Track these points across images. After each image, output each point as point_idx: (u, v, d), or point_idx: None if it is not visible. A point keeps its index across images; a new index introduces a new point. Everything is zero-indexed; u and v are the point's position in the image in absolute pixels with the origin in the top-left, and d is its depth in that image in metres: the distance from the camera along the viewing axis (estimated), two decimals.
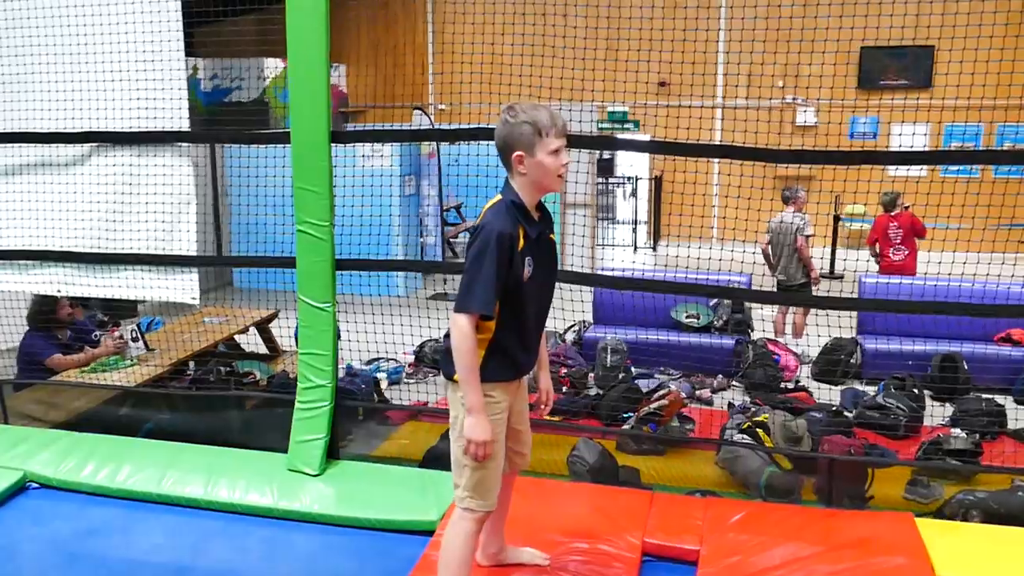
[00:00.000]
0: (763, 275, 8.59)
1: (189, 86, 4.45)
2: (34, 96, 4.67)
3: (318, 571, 3.71)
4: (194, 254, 4.63)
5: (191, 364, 6.57)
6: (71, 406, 5.64)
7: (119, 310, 8.57)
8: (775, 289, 8.60)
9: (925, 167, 11.88)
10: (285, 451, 4.46)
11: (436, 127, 11.05)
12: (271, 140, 4.91)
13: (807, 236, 8.59)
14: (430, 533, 3.79)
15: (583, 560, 3.49)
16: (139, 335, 6.81)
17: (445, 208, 15.00)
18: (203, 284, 10.45)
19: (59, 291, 4.90)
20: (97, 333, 6.91)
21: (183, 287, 4.68)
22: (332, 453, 4.48)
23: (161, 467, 4.46)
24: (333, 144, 4.25)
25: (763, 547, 3.54)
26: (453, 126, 10.78)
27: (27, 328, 6.28)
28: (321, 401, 4.38)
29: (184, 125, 4.51)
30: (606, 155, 17.13)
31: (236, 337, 7.51)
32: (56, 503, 4.38)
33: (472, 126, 4.52)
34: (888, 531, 3.64)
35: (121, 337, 6.60)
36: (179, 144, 4.53)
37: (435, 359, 8.31)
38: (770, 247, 8.69)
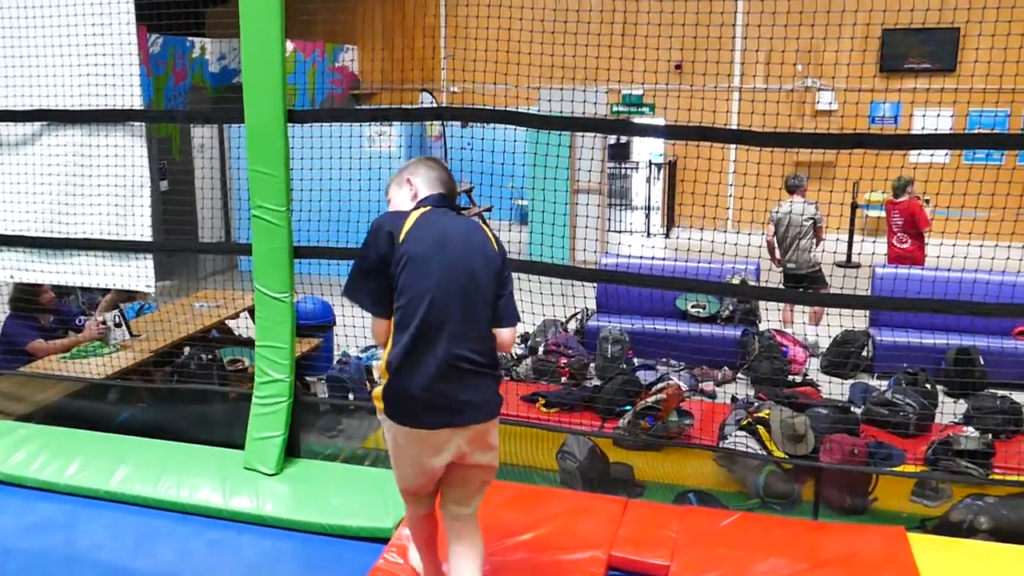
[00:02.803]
0: (769, 269, 8.29)
1: (197, 67, 4.20)
2: None
3: None
4: (149, 239, 4.37)
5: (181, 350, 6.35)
6: (39, 397, 5.44)
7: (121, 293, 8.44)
8: (782, 279, 8.31)
9: (948, 154, 11.47)
10: None
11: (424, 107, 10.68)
12: (227, 119, 4.63)
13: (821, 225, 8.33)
14: (384, 541, 3.53)
15: (543, 574, 3.22)
16: (122, 320, 6.62)
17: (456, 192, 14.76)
18: (208, 268, 10.34)
19: (11, 277, 4.67)
20: (81, 318, 6.73)
21: (138, 274, 4.44)
22: (292, 451, 4.23)
23: (113, 463, 4.25)
24: (292, 124, 3.98)
25: (739, 563, 3.25)
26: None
27: (7, 313, 6.13)
28: (279, 396, 4.13)
29: (137, 103, 4.25)
30: (621, 139, 16.78)
31: (234, 323, 7.27)
32: (2, 497, 4.19)
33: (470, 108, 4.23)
34: (878, 547, 3.34)
35: (104, 323, 6.43)
36: (131, 123, 4.27)
37: None
38: (775, 237, 8.36)
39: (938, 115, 11.91)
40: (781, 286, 7.97)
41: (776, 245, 8.38)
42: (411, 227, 2.69)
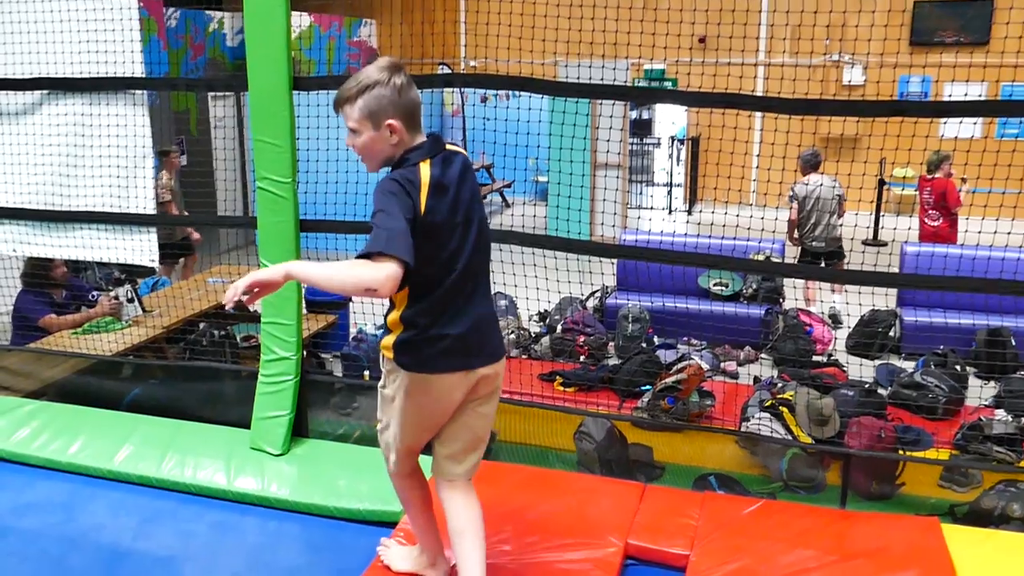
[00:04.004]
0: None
1: (215, 41, 4.07)
2: None
3: (262, 564, 3.34)
4: (152, 212, 4.23)
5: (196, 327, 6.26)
6: (47, 373, 5.35)
7: (136, 268, 8.44)
8: (800, 256, 8.18)
9: (979, 126, 11.18)
10: None
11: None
12: (227, 87, 4.48)
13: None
14: (392, 525, 3.40)
15: (555, 563, 3.08)
16: (134, 296, 6.54)
17: (475, 168, 14.61)
18: (228, 243, 10.25)
19: (13, 251, 4.56)
20: (94, 293, 6.66)
21: (141, 248, 4.30)
22: (300, 431, 4.10)
23: (118, 441, 4.13)
24: (299, 92, 3.82)
25: (763, 554, 3.08)
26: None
27: (20, 288, 6.06)
28: (285, 375, 3.99)
29: (139, 71, 4.10)
30: (643, 115, 16.53)
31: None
32: (2, 475, 4.09)
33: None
34: (910, 538, 3.16)
35: (116, 298, 6.36)
36: (133, 92, 4.13)
37: None
38: (801, 216, 8.15)
39: (969, 90, 11.61)
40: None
41: (801, 224, 8.18)
42: (428, 194, 2.52)
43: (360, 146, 2.55)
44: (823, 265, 7.99)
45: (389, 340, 2.67)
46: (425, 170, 2.53)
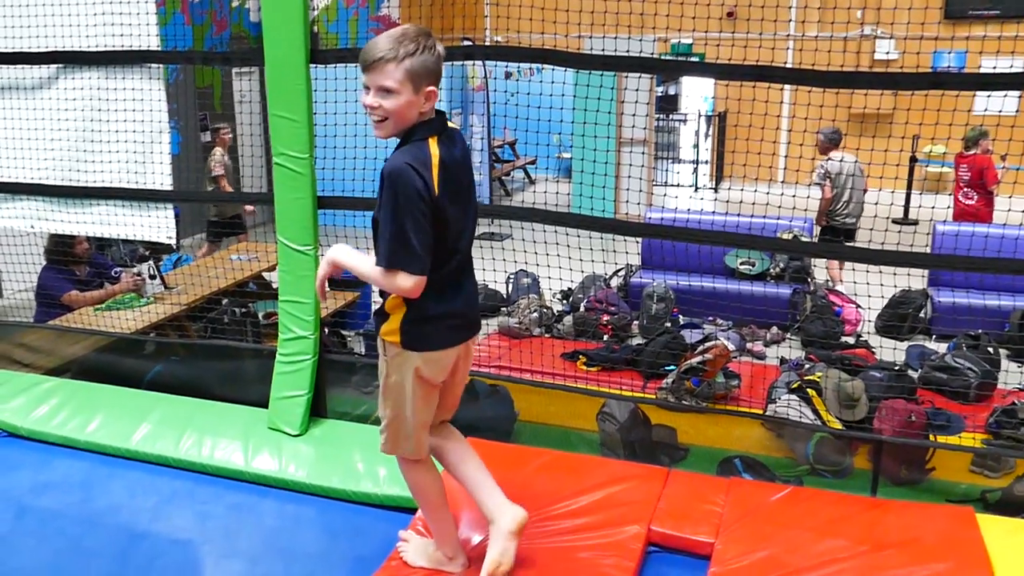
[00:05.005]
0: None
1: (238, 16, 3.99)
2: None
3: (279, 548, 3.30)
4: (169, 188, 4.17)
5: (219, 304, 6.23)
6: (68, 350, 5.34)
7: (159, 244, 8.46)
8: (823, 234, 8.07)
9: (1016, 100, 10.90)
10: None
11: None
12: (244, 61, 4.40)
13: None
14: (412, 511, 3.33)
15: (577, 548, 3.00)
16: (156, 272, 6.53)
17: (498, 144, 14.46)
18: (252, 219, 10.23)
19: (31, 227, 4.52)
20: (117, 269, 6.65)
21: (158, 224, 4.24)
22: (318, 411, 4.05)
23: (136, 420, 4.10)
24: (316, 65, 3.73)
25: (790, 543, 2.99)
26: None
27: (43, 264, 6.06)
28: (303, 354, 3.93)
29: (154, 44, 4.02)
30: (669, 90, 16.32)
31: (272, 275, 7.14)
32: (22, 453, 4.08)
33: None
34: (944, 528, 3.06)
35: (139, 274, 6.35)
36: (149, 66, 4.05)
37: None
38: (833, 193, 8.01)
39: (1005, 65, 11.31)
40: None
41: (834, 201, 8.06)
42: (439, 175, 2.48)
43: (393, 108, 2.46)
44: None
45: (392, 324, 2.63)
46: (434, 147, 2.50)
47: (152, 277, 6.46)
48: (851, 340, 6.78)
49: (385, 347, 2.67)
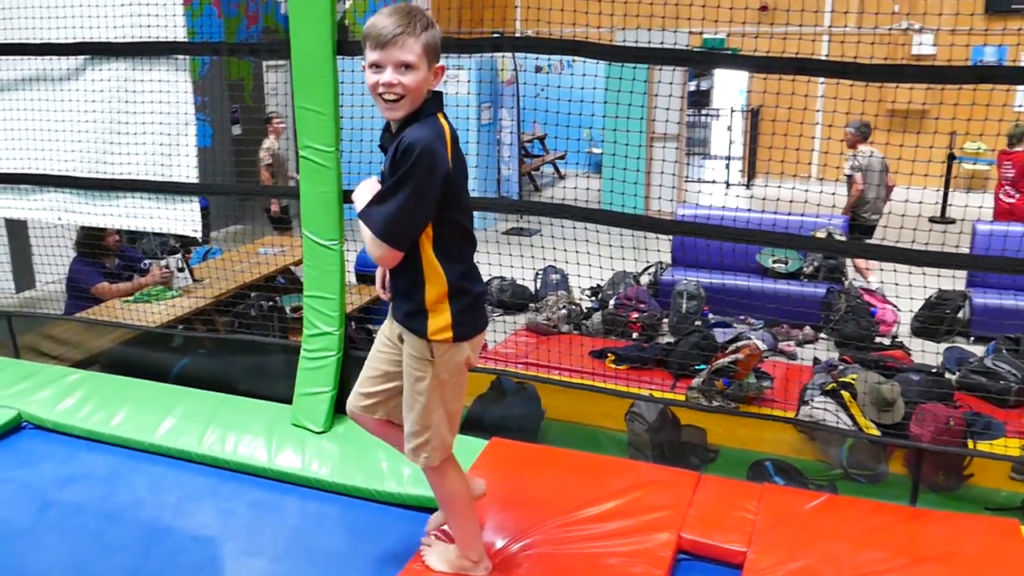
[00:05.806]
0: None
1: (270, 9, 3.95)
2: (18, 3, 4.21)
3: (302, 547, 3.24)
4: (195, 181, 4.13)
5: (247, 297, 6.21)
6: (95, 343, 5.34)
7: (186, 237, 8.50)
8: (852, 231, 7.95)
9: None
10: None
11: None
12: (271, 52, 4.35)
13: None
14: (433, 512, 3.26)
15: (605, 555, 2.93)
16: (185, 265, 6.53)
17: (528, 139, 14.38)
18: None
19: (59, 219, 4.51)
20: (147, 261, 6.67)
21: (184, 217, 4.21)
22: (342, 408, 3.98)
23: (161, 414, 4.06)
24: (343, 57, 3.67)
25: (825, 554, 2.89)
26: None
27: (73, 256, 6.09)
28: (328, 350, 3.88)
29: (181, 35, 3.98)
30: (702, 85, 16.15)
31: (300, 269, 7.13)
32: (47, 445, 4.04)
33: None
34: (987, 541, 2.94)
35: (167, 267, 6.36)
36: (175, 57, 4.01)
37: (500, 299, 7.87)
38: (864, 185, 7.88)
39: None
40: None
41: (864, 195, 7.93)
42: (452, 152, 2.44)
43: (412, 84, 2.38)
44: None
45: (440, 322, 2.51)
46: (444, 122, 2.46)
47: (180, 270, 6.47)
48: (886, 341, 6.64)
49: (432, 349, 2.53)
